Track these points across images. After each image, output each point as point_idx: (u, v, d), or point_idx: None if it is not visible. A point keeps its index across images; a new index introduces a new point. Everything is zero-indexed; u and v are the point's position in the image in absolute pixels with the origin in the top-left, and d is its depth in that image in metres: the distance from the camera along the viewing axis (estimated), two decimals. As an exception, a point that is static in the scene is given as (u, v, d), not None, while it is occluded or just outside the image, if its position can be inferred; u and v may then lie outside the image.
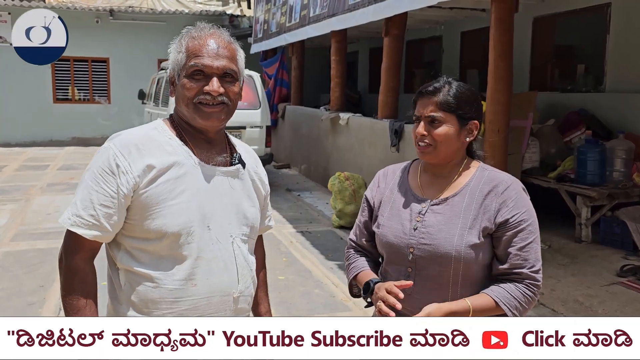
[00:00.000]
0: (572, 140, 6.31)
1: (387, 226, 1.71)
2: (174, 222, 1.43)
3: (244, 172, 1.60)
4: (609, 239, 5.43)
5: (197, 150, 1.51)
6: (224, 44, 1.51)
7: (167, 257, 1.45)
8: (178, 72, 1.50)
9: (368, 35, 11.13)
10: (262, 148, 8.79)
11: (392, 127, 6.58)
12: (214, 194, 1.50)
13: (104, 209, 1.41)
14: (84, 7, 13.98)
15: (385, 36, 7.11)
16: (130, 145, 1.44)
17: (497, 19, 5.07)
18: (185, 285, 1.44)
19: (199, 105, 1.48)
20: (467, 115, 1.65)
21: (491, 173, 1.68)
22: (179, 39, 1.53)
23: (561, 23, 7.79)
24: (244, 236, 1.56)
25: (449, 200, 1.65)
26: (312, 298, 4.44)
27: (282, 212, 7.28)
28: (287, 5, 10.39)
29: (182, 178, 1.45)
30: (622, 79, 6.58)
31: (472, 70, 9.35)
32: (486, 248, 1.61)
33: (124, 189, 1.41)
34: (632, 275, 4.65)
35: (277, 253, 5.61)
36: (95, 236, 1.42)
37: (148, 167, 1.42)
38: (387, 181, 1.82)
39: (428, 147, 1.65)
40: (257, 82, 9.00)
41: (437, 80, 1.69)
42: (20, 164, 10.95)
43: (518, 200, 1.61)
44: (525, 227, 1.59)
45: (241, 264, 1.53)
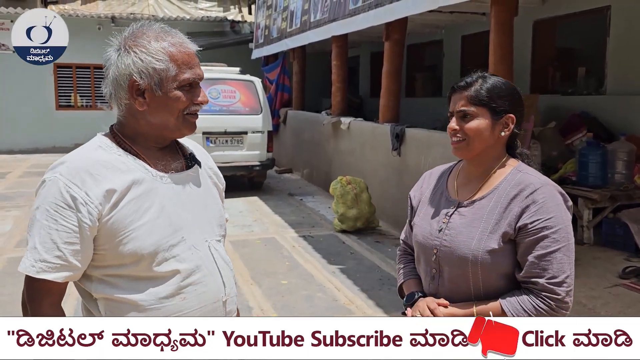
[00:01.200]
0: (573, 143, 6.31)
1: (419, 226, 1.72)
2: (147, 242, 1.37)
3: (202, 171, 1.56)
4: (611, 241, 5.42)
5: (151, 162, 1.44)
6: None
7: (147, 278, 1.39)
8: (160, 82, 1.39)
9: (369, 40, 11.16)
10: (264, 153, 8.81)
11: (393, 131, 6.59)
12: (180, 203, 1.44)
13: (70, 246, 1.32)
14: (86, 14, 14.06)
15: (386, 41, 7.14)
16: (80, 172, 1.34)
17: (497, 23, 5.09)
18: (174, 301, 1.41)
19: (187, 116, 1.44)
20: (500, 108, 1.58)
21: (523, 176, 1.58)
22: (147, 44, 1.40)
23: (561, 26, 7.81)
24: (217, 237, 1.54)
25: (476, 203, 1.61)
26: (314, 302, 4.45)
27: (284, 217, 7.29)
28: (287, 10, 10.43)
29: (144, 195, 1.38)
30: (623, 81, 6.59)
31: (473, 74, 9.37)
32: (507, 254, 1.54)
33: (87, 221, 1.32)
34: (634, 277, 4.64)
35: (280, 257, 5.62)
36: (66, 277, 1.34)
37: (108, 193, 1.34)
38: (429, 181, 1.80)
39: (461, 142, 1.60)
40: (258, 87, 9.03)
41: (470, 75, 1.64)
42: (24, 171, 10.99)
43: (544, 205, 1.50)
44: (548, 234, 1.49)
45: (222, 266, 1.51)
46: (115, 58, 1.41)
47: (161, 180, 1.43)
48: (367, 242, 6.12)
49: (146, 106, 1.40)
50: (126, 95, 1.40)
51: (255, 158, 8.74)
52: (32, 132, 13.91)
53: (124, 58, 1.39)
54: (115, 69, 1.40)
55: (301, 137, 10.30)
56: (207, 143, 8.46)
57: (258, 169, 8.75)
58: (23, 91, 13.78)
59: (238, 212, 7.61)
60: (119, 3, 16.14)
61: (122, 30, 1.46)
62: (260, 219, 7.28)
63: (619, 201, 5.43)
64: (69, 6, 15.29)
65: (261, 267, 5.28)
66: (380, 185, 6.87)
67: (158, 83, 1.39)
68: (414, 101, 10.77)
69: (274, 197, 8.60)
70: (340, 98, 8.85)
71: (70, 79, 14.26)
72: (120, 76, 1.40)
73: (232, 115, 8.67)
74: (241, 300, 4.45)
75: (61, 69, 13.92)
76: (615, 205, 5.44)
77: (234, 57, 12.87)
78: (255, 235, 6.48)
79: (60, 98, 14.29)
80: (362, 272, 5.13)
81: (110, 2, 16.08)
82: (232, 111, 8.72)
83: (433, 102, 10.45)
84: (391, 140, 6.61)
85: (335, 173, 8.13)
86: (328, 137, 8.88)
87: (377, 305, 4.34)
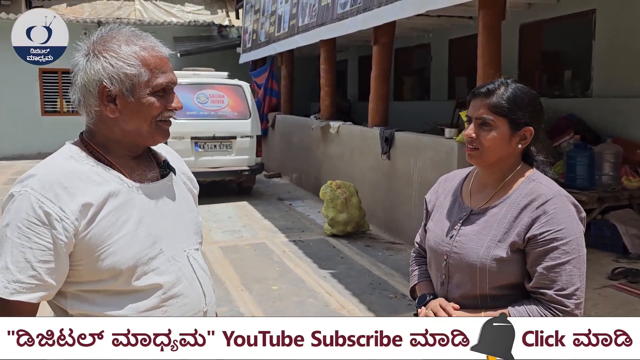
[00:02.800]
0: (561, 145, 6.36)
1: (432, 230, 1.72)
2: (126, 256, 1.32)
3: (177, 178, 1.51)
4: (600, 243, 5.46)
5: (126, 172, 1.38)
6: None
7: (126, 292, 1.35)
8: (132, 88, 1.33)
9: (357, 44, 11.19)
10: (253, 158, 8.79)
11: (382, 134, 6.60)
12: (157, 213, 1.40)
13: (44, 264, 1.26)
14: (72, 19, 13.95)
15: (374, 44, 7.15)
16: (53, 185, 1.27)
17: (485, 27, 5.12)
18: (155, 315, 1.37)
19: (160, 123, 1.39)
20: (520, 120, 1.56)
21: (535, 185, 1.56)
22: (117, 49, 1.34)
23: (548, 29, 7.88)
24: (195, 245, 1.50)
25: (488, 211, 1.60)
26: (306, 307, 4.43)
27: (274, 222, 7.27)
28: (275, 15, 10.43)
29: (121, 208, 1.33)
30: (609, 84, 6.66)
31: (461, 77, 9.43)
32: (516, 264, 1.52)
33: (63, 237, 1.26)
34: (623, 278, 4.68)
35: (270, 263, 5.60)
36: (41, 297, 1.28)
37: (84, 207, 1.28)
38: (445, 186, 1.80)
39: (475, 151, 1.58)
40: (246, 91, 9.01)
41: (493, 82, 1.60)
42: (8, 177, 10.86)
43: (555, 217, 1.49)
44: (557, 245, 1.47)
45: (201, 275, 1.48)
46: (83, 63, 1.35)
47: (137, 191, 1.38)
48: (358, 247, 6.12)
49: (118, 113, 1.34)
50: (96, 102, 1.34)
51: (244, 163, 8.72)
52: (18, 138, 13.77)
53: (93, 63, 1.33)
54: (83, 75, 1.34)
55: (290, 142, 10.29)
56: (195, 148, 8.43)
57: (247, 173, 8.72)
58: (8, 97, 13.66)
59: (227, 218, 7.58)
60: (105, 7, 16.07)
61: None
62: (250, 224, 7.25)
63: (606, 203, 5.48)
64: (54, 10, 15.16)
65: (251, 273, 5.26)
66: (370, 189, 6.88)
67: (130, 89, 1.33)
68: (402, 105, 10.81)
69: (264, 202, 8.57)
70: (329, 102, 8.86)
71: (56, 84, 14.15)
72: (89, 82, 1.34)
73: (221, 120, 8.65)
74: (232, 307, 4.42)
75: (47, 74, 13.81)
76: (603, 206, 5.49)
77: (221, 62, 12.85)
78: (245, 241, 6.45)
79: (46, 103, 14.17)
80: (353, 277, 5.12)
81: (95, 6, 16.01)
82: (221, 116, 8.69)
83: (421, 105, 10.50)
84: (380, 144, 6.62)
85: (324, 177, 8.13)
86: (317, 141, 8.88)
87: (369, 310, 4.34)
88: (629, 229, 5.32)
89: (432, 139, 6.03)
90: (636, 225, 5.38)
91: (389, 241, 6.31)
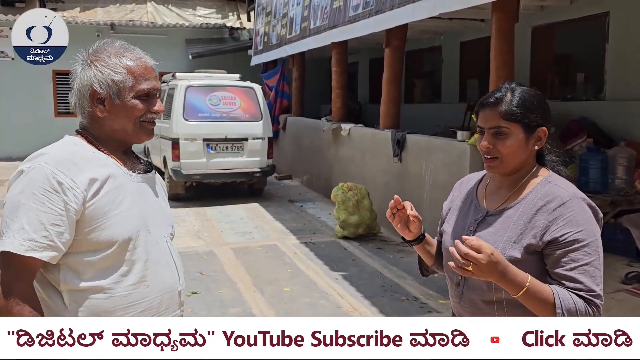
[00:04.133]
0: (573, 148, 6.33)
1: (447, 233, 1.73)
2: (123, 229, 1.50)
3: (157, 177, 1.75)
4: (612, 247, 5.43)
5: (119, 161, 1.60)
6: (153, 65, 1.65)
7: (115, 265, 1.50)
8: (118, 92, 1.55)
9: (368, 46, 11.19)
10: (264, 159, 8.82)
11: (394, 137, 6.61)
12: (146, 200, 1.61)
13: (56, 228, 1.41)
14: (85, 22, 14.08)
15: (386, 47, 7.16)
16: (65, 161, 1.47)
17: (497, 29, 5.11)
18: (139, 288, 1.53)
19: (144, 123, 1.60)
20: (533, 123, 1.56)
21: (551, 187, 1.56)
22: (107, 59, 1.56)
23: (560, 32, 7.85)
24: (171, 235, 1.70)
25: (503, 213, 1.59)
26: (317, 309, 4.45)
27: (285, 224, 7.29)
28: (287, 17, 10.46)
29: (119, 188, 1.53)
30: (622, 87, 6.62)
31: (472, 80, 9.40)
32: (531, 266, 1.50)
33: (74, 204, 1.43)
34: (637, 282, 4.65)
35: (282, 264, 5.62)
36: (51, 257, 1.42)
37: (91, 180, 1.47)
38: (460, 190, 1.81)
39: (494, 161, 1.58)
40: (258, 94, 9.04)
41: (499, 89, 1.60)
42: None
43: (573, 219, 1.48)
44: (578, 247, 1.47)
45: (177, 260, 1.67)
46: (79, 71, 1.59)
47: (130, 177, 1.59)
48: (369, 249, 6.12)
49: (106, 113, 1.56)
50: (88, 104, 1.57)
51: (255, 164, 8.75)
52: (32, 139, 13.79)
53: (87, 71, 1.57)
54: (79, 81, 1.58)
55: (301, 144, 10.31)
56: (207, 149, 8.46)
57: (258, 175, 8.75)
58: (22, 98, 13.77)
59: (239, 219, 7.61)
60: (118, 10, 16.16)
61: (119, 37, 1.54)
62: (261, 225, 7.27)
63: (619, 206, 5.44)
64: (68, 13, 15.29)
65: (263, 275, 5.28)
66: (381, 192, 6.88)
67: (116, 92, 1.55)
68: (414, 107, 10.79)
69: (275, 204, 8.59)
70: (340, 104, 8.87)
71: (69, 86, 14.17)
72: (83, 87, 1.57)
73: (233, 122, 8.68)
74: (244, 308, 4.44)
75: (60, 75, 13.90)
76: (616, 210, 5.45)
77: (232, 64, 12.89)
78: (257, 242, 6.47)
79: (59, 105, 14.28)
80: (364, 279, 5.13)
81: (109, 10, 16.10)
82: (233, 118, 8.73)
83: (432, 108, 10.48)
84: (392, 147, 6.62)
85: (335, 179, 8.14)
86: (328, 143, 8.89)
87: (381, 312, 4.34)
88: (642, 233, 5.28)
89: (443, 141, 6.03)
90: (649, 229, 5.35)
91: (400, 243, 6.31)
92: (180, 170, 8.31)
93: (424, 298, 4.61)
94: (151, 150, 10.14)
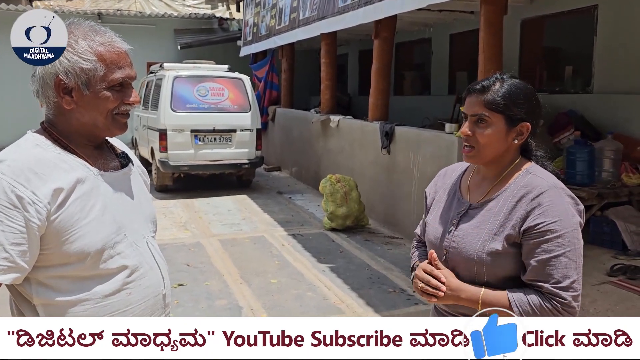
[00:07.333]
0: (561, 141, 6.35)
1: (431, 225, 1.73)
2: (94, 239, 1.36)
3: (134, 170, 1.57)
4: (599, 239, 5.47)
5: (90, 160, 1.42)
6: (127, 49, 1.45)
7: (92, 277, 1.38)
8: (88, 81, 1.37)
9: (357, 38, 11.16)
10: (253, 151, 8.79)
11: (382, 129, 6.60)
12: (120, 201, 1.46)
13: (17, 247, 1.27)
14: (72, 11, 13.90)
15: (375, 39, 7.13)
16: (24, 171, 1.29)
17: (486, 22, 5.10)
18: (120, 297, 1.41)
19: (117, 116, 1.42)
20: (516, 116, 1.55)
21: (531, 178, 1.56)
22: (74, 43, 1.38)
23: (549, 25, 7.86)
24: (152, 233, 1.57)
25: (485, 205, 1.60)
26: (305, 301, 4.44)
27: (273, 215, 7.27)
28: (276, 8, 10.39)
29: (88, 194, 1.37)
30: (610, 80, 6.65)
31: (462, 72, 9.41)
32: (512, 257, 1.52)
33: (36, 220, 1.28)
34: (622, 275, 4.69)
35: (269, 256, 5.60)
36: (14, 279, 1.29)
37: (56, 191, 1.31)
38: (444, 180, 1.80)
39: (471, 150, 1.58)
40: (247, 85, 9.00)
41: (488, 78, 1.59)
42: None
43: (550, 208, 1.48)
44: (551, 237, 1.46)
45: (160, 261, 1.54)
46: None
47: (101, 178, 1.42)
48: (357, 241, 6.12)
49: (74, 105, 1.38)
50: (53, 94, 1.39)
51: (244, 156, 8.71)
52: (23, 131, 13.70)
53: None
54: (41, 67, 1.39)
55: (290, 135, 10.28)
56: (195, 141, 8.41)
57: (247, 167, 8.72)
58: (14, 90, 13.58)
59: (227, 211, 7.58)
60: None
61: (107, 27, 1.45)
62: (249, 217, 7.25)
63: (606, 199, 5.47)
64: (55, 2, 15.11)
65: (251, 266, 5.26)
66: (369, 184, 6.88)
67: (85, 83, 1.37)
68: (403, 99, 10.79)
69: (263, 196, 8.57)
70: (329, 96, 8.84)
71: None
72: (46, 74, 1.38)
73: (221, 113, 8.64)
74: (231, 300, 4.43)
75: (47, 66, 13.76)
76: (603, 203, 5.49)
77: (222, 55, 12.82)
78: (245, 234, 6.45)
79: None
80: (351, 271, 5.13)
81: (96, -1, 15.94)
82: (221, 109, 8.68)
83: (421, 100, 10.47)
84: (381, 139, 6.61)
85: (324, 171, 8.12)
86: (317, 135, 8.87)
87: (368, 304, 4.34)
88: (628, 226, 5.32)
89: (432, 133, 6.03)
90: (635, 222, 5.39)
91: (388, 235, 6.32)
92: (167, 161, 8.26)
93: (410, 290, 4.61)
94: (139, 141, 10.07)
